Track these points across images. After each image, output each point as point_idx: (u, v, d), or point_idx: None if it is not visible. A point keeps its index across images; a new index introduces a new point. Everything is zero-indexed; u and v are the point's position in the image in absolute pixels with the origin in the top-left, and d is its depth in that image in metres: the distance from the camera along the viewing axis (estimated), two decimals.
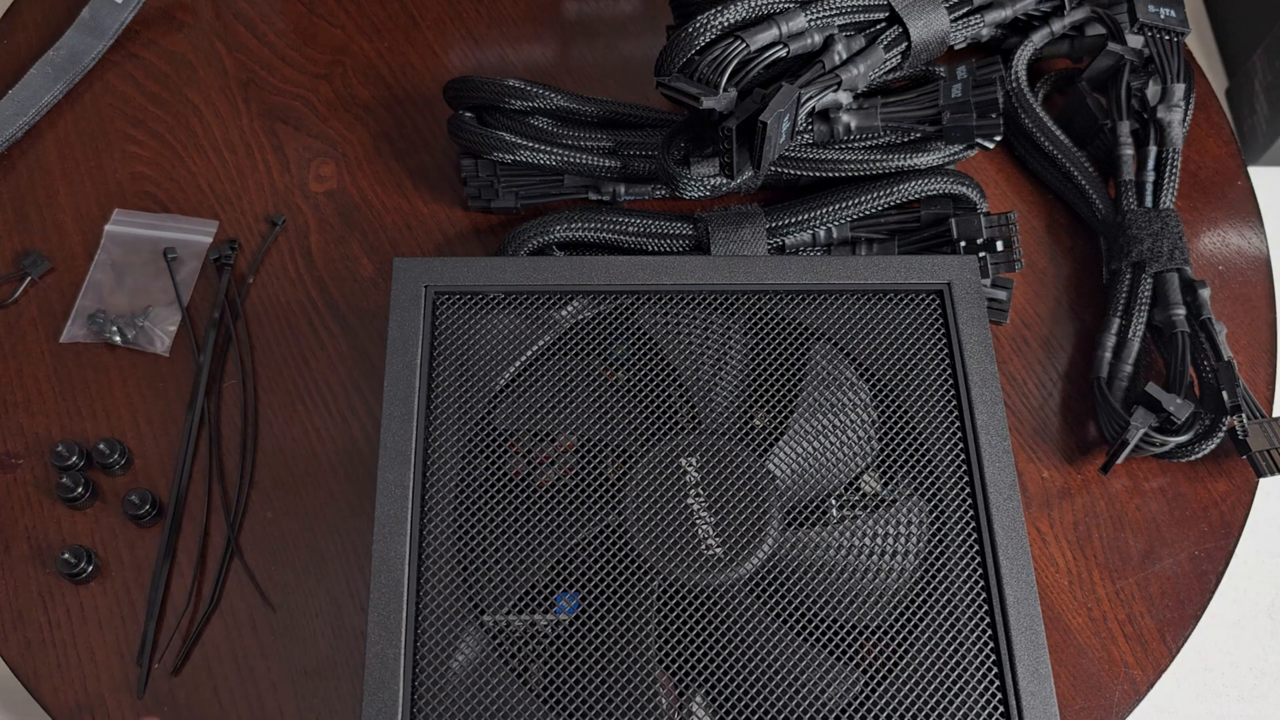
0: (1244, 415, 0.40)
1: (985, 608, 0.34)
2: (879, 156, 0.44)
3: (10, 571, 0.40)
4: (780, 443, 0.35)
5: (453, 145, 0.49)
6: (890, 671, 0.33)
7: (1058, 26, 0.48)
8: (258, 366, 0.44)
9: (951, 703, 0.32)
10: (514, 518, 0.35)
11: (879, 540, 0.35)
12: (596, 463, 0.36)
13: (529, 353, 0.37)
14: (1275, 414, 0.45)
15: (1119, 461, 0.41)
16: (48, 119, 0.50)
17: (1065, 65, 0.50)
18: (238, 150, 0.49)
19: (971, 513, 0.35)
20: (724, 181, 0.43)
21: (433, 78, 0.51)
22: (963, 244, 0.43)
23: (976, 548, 0.34)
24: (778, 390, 0.37)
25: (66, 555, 0.39)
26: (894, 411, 0.37)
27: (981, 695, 0.32)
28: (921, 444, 0.36)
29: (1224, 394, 0.40)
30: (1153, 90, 0.47)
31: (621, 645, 0.33)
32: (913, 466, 0.36)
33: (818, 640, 0.33)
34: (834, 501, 0.36)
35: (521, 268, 0.38)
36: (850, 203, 0.44)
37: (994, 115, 0.42)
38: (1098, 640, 0.40)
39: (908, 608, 0.34)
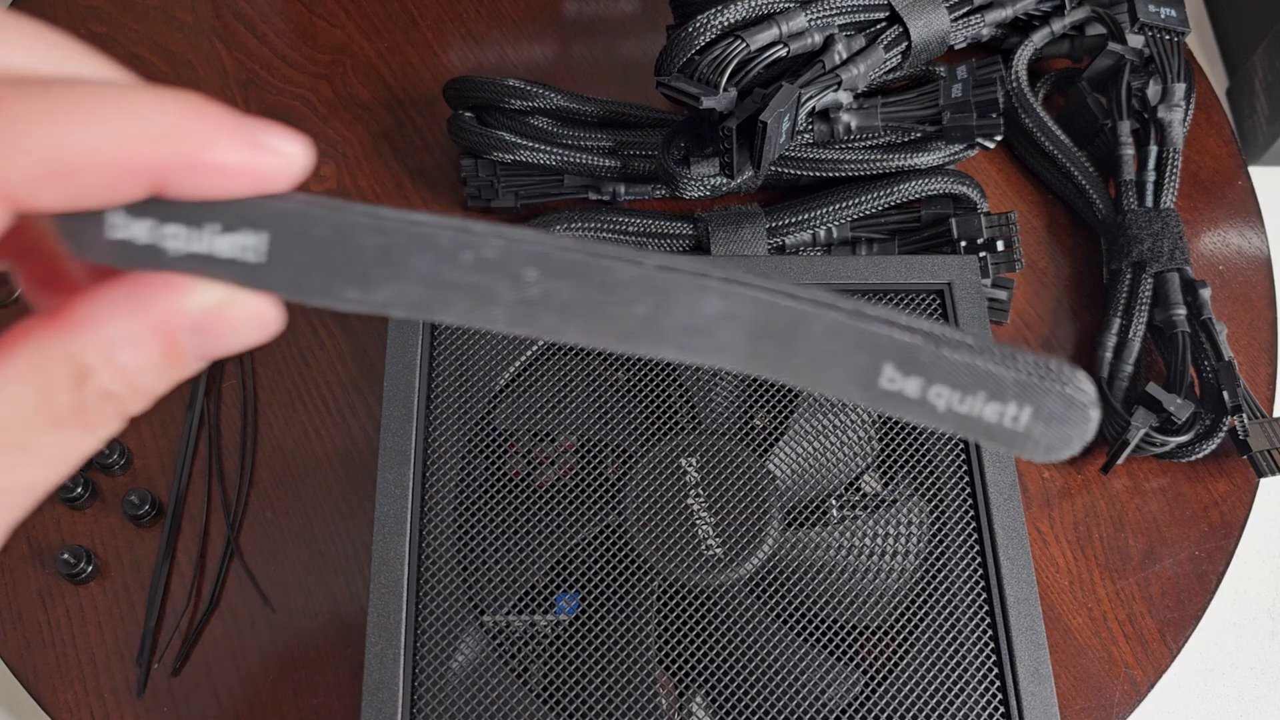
0: (1244, 415, 0.40)
1: (986, 608, 0.34)
2: (879, 156, 0.44)
3: (10, 571, 0.40)
4: (780, 443, 0.35)
5: (452, 145, 0.49)
6: (890, 672, 0.33)
7: (1058, 26, 0.48)
8: (257, 366, 0.44)
9: (952, 703, 0.32)
10: (514, 518, 0.35)
11: (879, 540, 0.35)
12: (596, 463, 0.36)
13: (529, 352, 0.37)
14: (1276, 414, 0.45)
15: (1119, 462, 0.41)
16: None
17: (1065, 65, 0.50)
18: None
19: (972, 513, 0.35)
20: (724, 181, 0.43)
21: (433, 77, 0.51)
22: (963, 244, 0.43)
23: (977, 548, 0.34)
24: (778, 390, 0.37)
25: (66, 555, 0.39)
26: None
27: (982, 696, 0.32)
28: (921, 444, 0.36)
29: (1224, 394, 0.40)
30: (1153, 90, 0.47)
31: (621, 645, 0.33)
32: (913, 466, 0.36)
33: (818, 640, 0.33)
34: (834, 501, 0.36)
35: None
36: (850, 203, 0.44)
37: (994, 115, 0.42)
38: (1098, 640, 0.40)
39: (908, 608, 0.34)
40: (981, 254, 0.43)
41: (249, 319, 0.17)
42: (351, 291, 0.17)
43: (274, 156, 0.16)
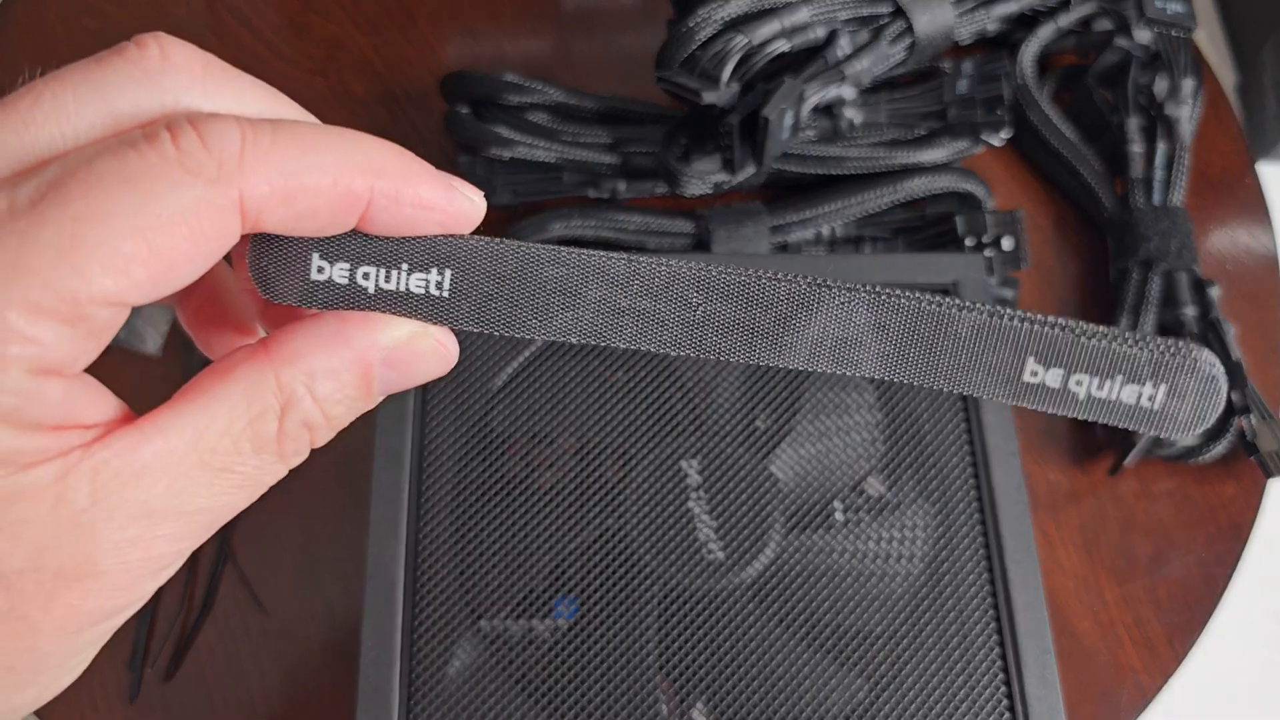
0: (1252, 416, 0.40)
1: (992, 612, 0.33)
2: (883, 153, 0.44)
3: None
4: (783, 445, 0.35)
5: (449, 141, 0.48)
6: (895, 678, 0.32)
7: (1064, 21, 0.47)
8: None
9: (957, 708, 0.32)
10: (511, 521, 0.34)
11: (884, 544, 0.34)
12: (595, 465, 0.35)
13: (527, 352, 0.37)
14: None
15: (1127, 464, 0.40)
16: None
17: (1072, 61, 0.50)
18: None
19: (978, 516, 0.34)
20: (726, 178, 0.42)
21: (429, 72, 0.51)
22: (968, 242, 0.43)
23: (983, 551, 0.34)
24: (780, 391, 0.36)
25: None
26: (899, 413, 0.36)
27: (987, 701, 0.32)
28: (927, 446, 0.35)
29: (1233, 394, 0.40)
30: (1161, 86, 0.46)
31: (621, 651, 0.32)
32: (918, 469, 0.35)
33: (821, 646, 0.33)
34: (838, 505, 0.35)
35: None
36: (854, 201, 0.43)
37: (999, 111, 0.42)
38: (1104, 645, 0.39)
39: (912, 613, 0.33)
40: (987, 252, 0.43)
41: (433, 351, 0.19)
42: (532, 320, 0.18)
43: (464, 201, 0.19)
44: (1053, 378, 0.18)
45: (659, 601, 0.33)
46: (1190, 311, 0.42)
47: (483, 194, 0.19)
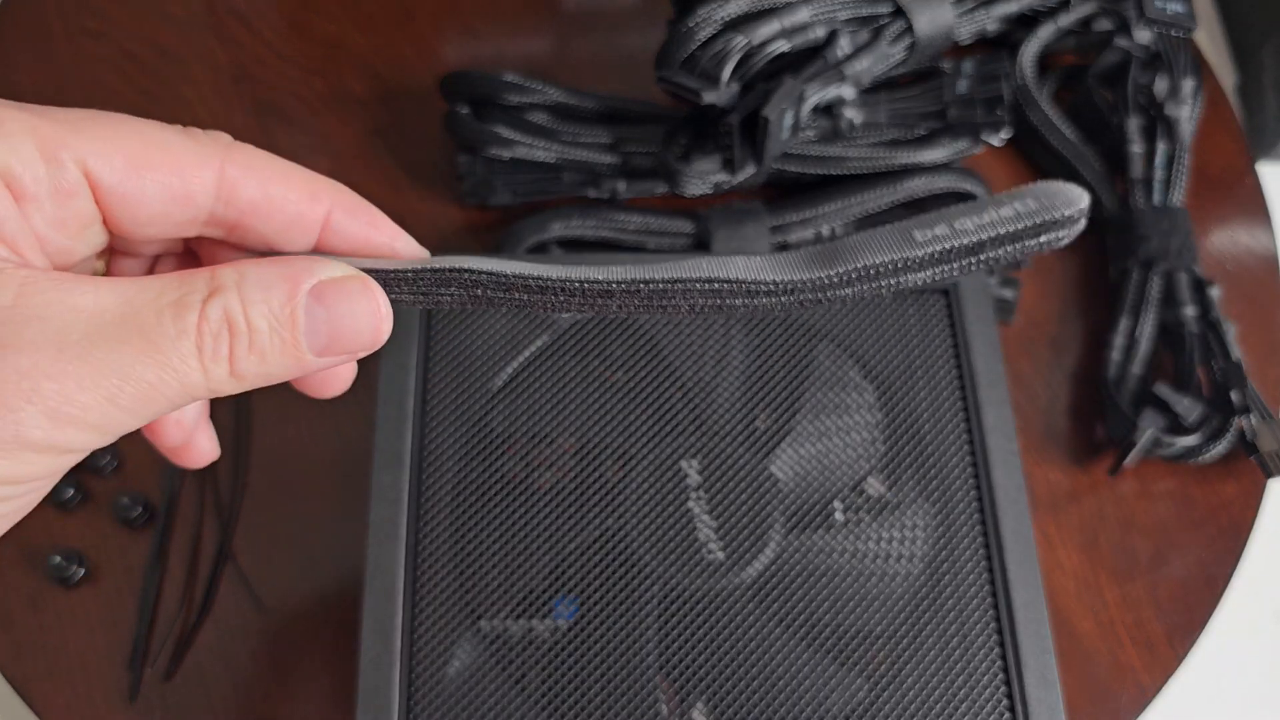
0: (1252, 416, 0.40)
1: (992, 612, 0.33)
2: (883, 153, 0.44)
3: None
4: (783, 445, 0.35)
5: (448, 141, 0.48)
6: (895, 678, 0.32)
7: (1064, 21, 0.47)
8: None
9: (956, 709, 0.32)
10: (511, 521, 0.34)
11: (884, 544, 0.34)
12: (595, 465, 0.35)
13: (526, 353, 0.37)
14: None
15: (1127, 464, 0.40)
16: None
17: (1072, 61, 0.50)
18: None
19: (978, 516, 0.34)
20: (726, 178, 0.42)
21: (428, 72, 0.51)
22: None
23: (983, 551, 0.34)
24: (781, 391, 0.36)
25: (57, 559, 0.39)
26: (899, 413, 0.36)
27: (987, 701, 0.32)
28: (927, 446, 0.35)
29: (1233, 394, 0.40)
30: (1161, 86, 0.46)
31: (621, 652, 0.32)
32: (918, 469, 0.35)
33: (820, 646, 0.33)
34: (838, 505, 0.35)
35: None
36: (854, 201, 0.43)
37: (999, 111, 0.42)
38: (1105, 645, 0.39)
39: (913, 613, 0.33)
40: None
41: (360, 291, 0.21)
42: (464, 257, 0.22)
43: (411, 241, 0.24)
44: (940, 230, 0.20)
45: (659, 601, 0.33)
46: (1190, 311, 0.42)
47: (428, 253, 0.23)
